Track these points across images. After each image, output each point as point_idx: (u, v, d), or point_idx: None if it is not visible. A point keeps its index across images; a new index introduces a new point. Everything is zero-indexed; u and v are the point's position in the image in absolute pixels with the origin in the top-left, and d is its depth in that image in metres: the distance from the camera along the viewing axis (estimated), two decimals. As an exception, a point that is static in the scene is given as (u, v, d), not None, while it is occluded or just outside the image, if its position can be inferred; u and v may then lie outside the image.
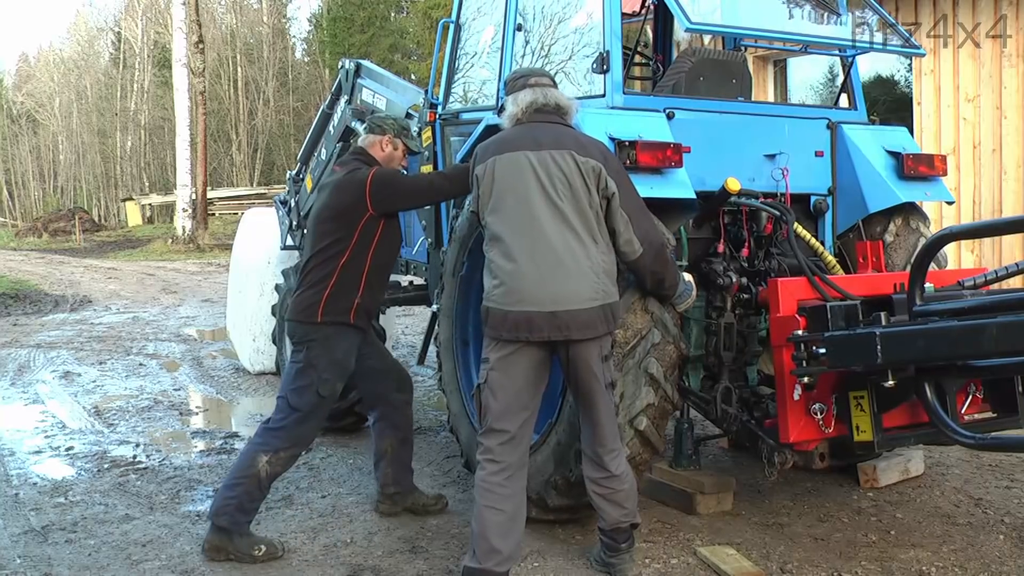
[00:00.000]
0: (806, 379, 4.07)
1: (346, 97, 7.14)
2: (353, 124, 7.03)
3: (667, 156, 4.36)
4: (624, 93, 4.73)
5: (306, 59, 47.87)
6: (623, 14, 5.03)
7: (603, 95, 4.71)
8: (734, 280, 4.69)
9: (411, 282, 6.87)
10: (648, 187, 4.33)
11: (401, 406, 5.01)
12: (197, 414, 7.67)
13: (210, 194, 30.65)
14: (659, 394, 4.31)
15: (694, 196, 4.43)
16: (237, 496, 4.45)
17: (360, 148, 4.85)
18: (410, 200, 4.85)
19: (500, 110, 4.29)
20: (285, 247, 8.07)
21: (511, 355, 3.94)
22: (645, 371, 4.27)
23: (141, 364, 9.75)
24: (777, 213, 4.71)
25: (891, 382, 3.75)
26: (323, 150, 7.43)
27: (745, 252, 4.83)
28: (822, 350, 3.89)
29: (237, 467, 4.53)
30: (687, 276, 4.40)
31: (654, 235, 4.14)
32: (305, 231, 5.69)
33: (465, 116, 5.66)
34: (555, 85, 4.24)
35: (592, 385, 3.98)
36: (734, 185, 4.50)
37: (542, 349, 3.96)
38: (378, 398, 5.00)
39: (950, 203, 6.29)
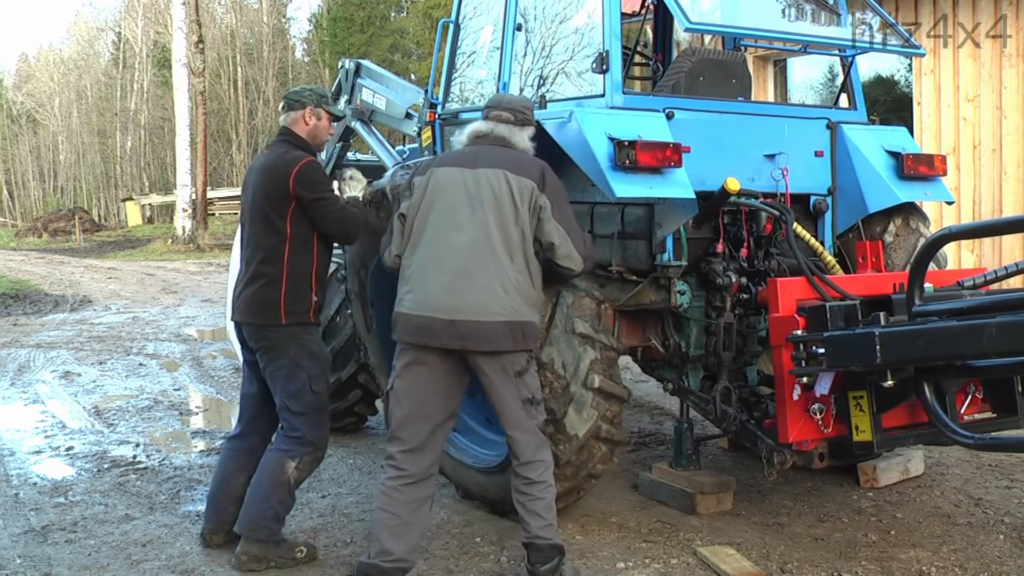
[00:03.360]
0: (805, 379, 4.08)
1: (346, 97, 7.13)
2: (353, 124, 7.03)
3: (666, 156, 4.36)
4: (624, 93, 4.73)
5: (306, 59, 47.84)
6: (623, 14, 5.04)
7: (602, 95, 4.71)
8: (733, 280, 4.70)
9: None
10: (647, 187, 4.33)
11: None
12: (197, 414, 7.67)
13: (210, 194, 30.63)
14: (597, 346, 4.36)
15: (694, 196, 4.43)
16: (272, 506, 4.37)
17: (284, 128, 4.59)
18: (317, 209, 4.37)
19: None
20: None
21: (413, 362, 3.98)
22: (573, 332, 4.32)
23: (141, 364, 9.75)
24: (777, 213, 4.71)
25: (890, 382, 3.76)
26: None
27: (745, 252, 4.83)
28: (821, 350, 3.89)
29: (264, 478, 4.39)
30: None
31: (592, 252, 4.21)
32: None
33: (465, 116, 5.66)
34: (518, 122, 4.20)
35: (499, 399, 3.99)
36: (734, 185, 4.51)
37: (448, 359, 3.97)
38: (265, 426, 4.64)
39: (950, 203, 6.29)
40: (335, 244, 4.67)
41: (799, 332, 4.04)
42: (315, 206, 4.36)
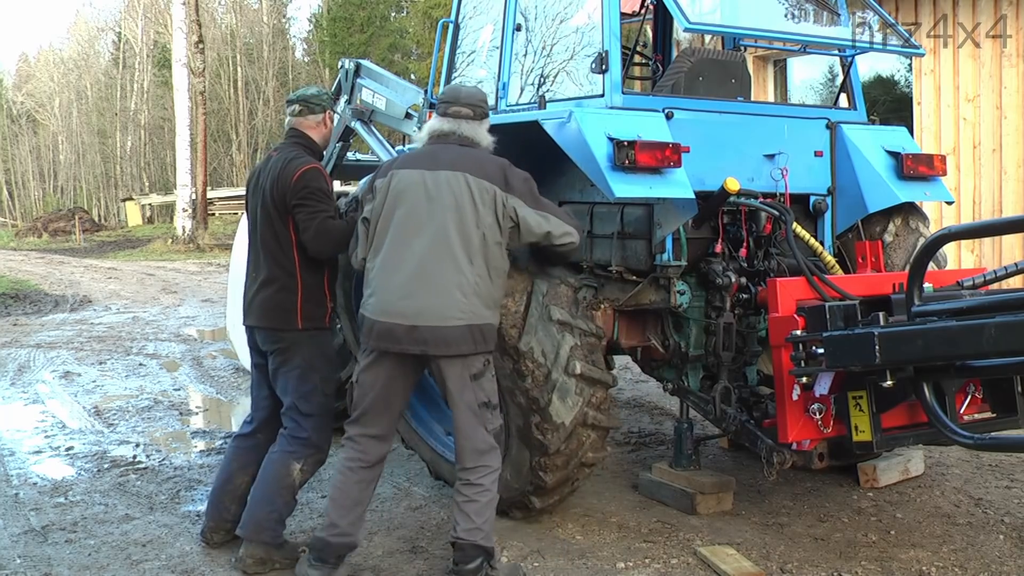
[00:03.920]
0: (805, 379, 4.08)
1: (346, 97, 7.13)
2: (353, 124, 7.02)
3: (666, 156, 4.35)
4: (623, 93, 4.73)
5: (306, 59, 47.85)
6: (622, 14, 5.03)
7: (602, 95, 4.71)
8: (733, 280, 4.70)
9: None
10: (647, 187, 4.33)
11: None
12: (197, 414, 7.67)
13: (210, 194, 30.63)
14: (576, 332, 4.36)
15: (693, 196, 4.42)
16: (277, 509, 4.38)
17: (295, 130, 4.57)
18: (296, 214, 4.33)
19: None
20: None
21: (375, 363, 4.05)
22: (550, 319, 4.34)
23: (141, 364, 9.75)
24: (776, 213, 4.71)
25: (890, 382, 3.76)
26: (322, 150, 7.41)
27: (744, 252, 4.83)
28: (820, 350, 3.89)
29: (269, 480, 4.39)
30: None
31: (574, 219, 4.28)
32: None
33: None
34: (477, 116, 4.18)
35: (454, 402, 4.03)
36: (733, 185, 4.51)
37: (407, 359, 4.01)
38: (270, 423, 4.58)
39: (950, 203, 6.28)
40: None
41: (798, 332, 4.04)
42: (295, 210, 4.35)
